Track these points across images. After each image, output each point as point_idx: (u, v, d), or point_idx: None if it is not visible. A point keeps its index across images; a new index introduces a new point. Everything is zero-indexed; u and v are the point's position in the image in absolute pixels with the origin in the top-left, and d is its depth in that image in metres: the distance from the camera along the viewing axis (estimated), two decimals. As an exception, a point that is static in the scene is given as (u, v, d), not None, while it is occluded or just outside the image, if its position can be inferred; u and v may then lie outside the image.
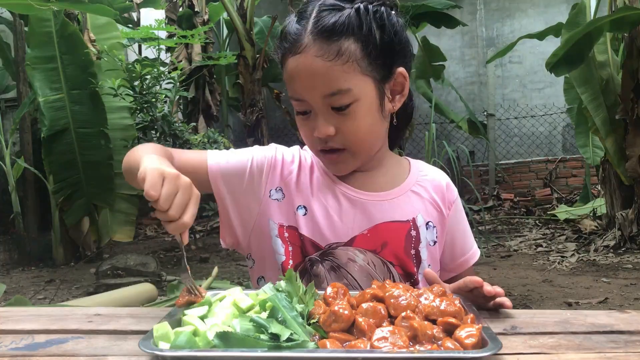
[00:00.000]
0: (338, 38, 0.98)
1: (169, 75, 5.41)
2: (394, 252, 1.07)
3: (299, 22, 1.02)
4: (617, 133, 4.91)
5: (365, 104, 1.02)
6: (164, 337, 0.73)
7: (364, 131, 1.03)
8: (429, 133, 5.30)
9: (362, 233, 1.07)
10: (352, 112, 1.00)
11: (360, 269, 1.06)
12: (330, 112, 1.01)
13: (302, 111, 1.04)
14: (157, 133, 5.24)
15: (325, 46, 0.98)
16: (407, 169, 1.17)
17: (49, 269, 5.31)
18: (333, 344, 0.71)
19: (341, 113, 1.00)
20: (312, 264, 1.07)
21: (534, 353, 0.72)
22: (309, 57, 0.98)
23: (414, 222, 1.10)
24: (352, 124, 1.01)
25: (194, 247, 5.82)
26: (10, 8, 4.93)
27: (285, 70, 1.03)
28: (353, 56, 0.98)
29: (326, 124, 1.01)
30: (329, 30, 0.98)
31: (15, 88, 6.01)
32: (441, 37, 8.04)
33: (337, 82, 0.98)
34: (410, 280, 1.09)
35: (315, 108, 1.01)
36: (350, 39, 0.98)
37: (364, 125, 1.03)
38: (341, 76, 0.98)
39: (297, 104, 1.04)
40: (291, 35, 1.02)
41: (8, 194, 5.59)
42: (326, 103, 1.00)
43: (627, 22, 4.43)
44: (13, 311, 0.99)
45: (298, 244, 1.08)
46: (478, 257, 1.20)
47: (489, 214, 6.96)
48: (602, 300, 3.43)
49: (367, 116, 1.03)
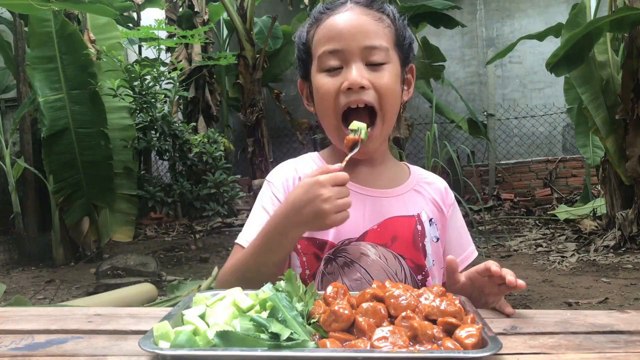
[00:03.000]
0: (381, 12, 1.09)
1: (168, 75, 5.41)
2: (403, 245, 1.11)
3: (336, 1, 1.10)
4: (617, 133, 4.91)
5: (394, 71, 1.08)
6: (164, 336, 0.73)
7: (392, 92, 1.08)
8: (429, 133, 5.30)
9: (372, 228, 1.10)
10: (384, 71, 1.05)
11: (373, 263, 1.09)
12: (364, 67, 1.05)
13: (333, 67, 1.06)
14: (157, 133, 5.25)
15: (370, 10, 1.08)
16: (407, 171, 1.22)
17: (49, 269, 5.31)
18: (333, 343, 0.71)
19: (375, 69, 1.05)
20: (326, 264, 1.10)
21: (534, 353, 0.72)
22: (355, 12, 1.07)
23: (419, 218, 1.13)
24: (384, 80, 1.05)
25: (194, 247, 5.82)
26: (10, 8, 4.93)
27: (323, 29, 1.08)
28: (390, 27, 1.09)
29: (360, 73, 1.04)
30: (374, 3, 1.09)
31: (15, 88, 6.01)
32: (441, 37, 8.04)
33: (378, 38, 1.05)
34: (422, 273, 1.12)
35: (351, 59, 1.04)
36: (388, 20, 1.10)
37: (393, 86, 1.07)
38: (382, 35, 1.06)
39: (330, 57, 1.06)
40: (332, 5, 1.09)
41: (8, 194, 5.59)
42: (363, 56, 1.04)
43: (627, 22, 4.42)
44: (13, 311, 0.99)
45: (311, 252, 1.10)
46: (474, 258, 1.22)
47: (489, 214, 6.96)
48: (602, 300, 3.43)
49: (395, 82, 1.08)
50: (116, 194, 5.45)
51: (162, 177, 6.62)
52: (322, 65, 1.06)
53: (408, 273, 1.11)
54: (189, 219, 5.71)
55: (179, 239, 6.73)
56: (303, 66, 1.15)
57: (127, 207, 5.55)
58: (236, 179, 5.55)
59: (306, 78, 1.15)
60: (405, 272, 1.10)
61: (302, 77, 1.18)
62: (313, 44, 1.09)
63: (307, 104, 1.18)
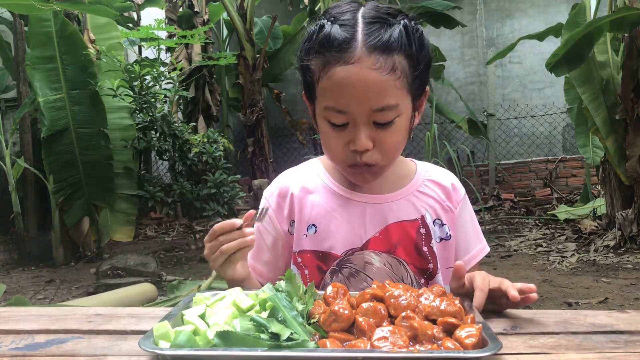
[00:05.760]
0: (392, 53, 0.96)
1: (168, 75, 5.41)
2: (406, 250, 1.10)
3: (342, 29, 0.97)
4: (617, 133, 4.91)
5: (404, 120, 1.01)
6: (164, 336, 0.73)
7: (398, 147, 1.04)
8: (429, 133, 5.30)
9: (375, 235, 1.09)
10: (392, 127, 0.99)
11: (378, 271, 1.08)
12: (372, 126, 0.98)
13: (339, 124, 1.00)
14: (157, 133, 5.25)
15: (382, 59, 0.95)
16: (414, 170, 1.18)
17: (49, 269, 5.31)
18: (333, 343, 0.71)
19: (382, 128, 0.99)
20: (331, 276, 1.09)
21: (534, 353, 0.72)
22: (363, 68, 0.95)
23: (422, 220, 1.12)
24: (391, 139, 1.01)
25: (193, 247, 5.82)
26: (11, 8, 4.93)
27: (329, 79, 0.97)
28: (404, 72, 0.97)
29: (367, 137, 0.98)
30: (385, 44, 0.95)
31: (15, 88, 6.01)
32: (441, 37, 8.04)
33: (388, 97, 0.96)
34: (424, 276, 1.11)
35: (358, 121, 0.98)
36: (401, 55, 0.97)
37: (399, 141, 1.03)
38: (393, 91, 0.96)
39: (337, 116, 0.99)
40: (339, 43, 0.96)
41: (8, 194, 5.59)
42: (370, 117, 0.98)
43: (627, 22, 4.42)
44: (13, 311, 0.99)
45: (314, 264, 1.10)
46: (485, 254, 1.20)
47: (489, 214, 6.95)
48: (602, 300, 3.43)
49: (403, 132, 1.03)
50: (116, 194, 5.45)
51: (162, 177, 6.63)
52: (327, 117, 1.01)
53: (413, 278, 1.10)
54: (189, 219, 5.71)
55: (179, 239, 6.73)
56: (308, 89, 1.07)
57: (127, 207, 5.56)
58: (236, 179, 5.55)
59: (310, 100, 1.08)
60: (411, 277, 1.10)
61: (306, 96, 1.10)
62: (318, 87, 1.01)
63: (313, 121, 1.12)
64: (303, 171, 1.19)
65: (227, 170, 5.49)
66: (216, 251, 0.98)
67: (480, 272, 0.95)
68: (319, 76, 0.99)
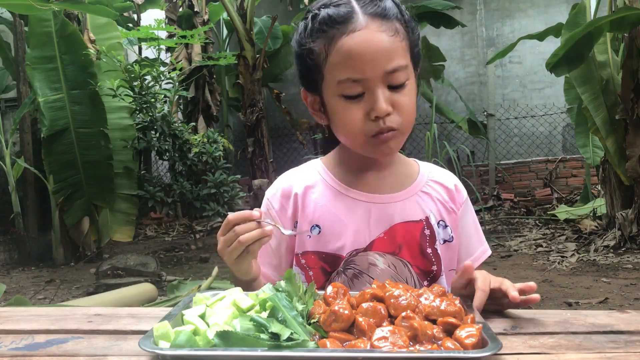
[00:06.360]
0: (391, 19, 1.01)
1: (168, 75, 5.42)
2: (410, 252, 1.08)
3: (338, 7, 1.01)
4: (617, 133, 4.91)
5: (412, 84, 1.04)
6: (164, 336, 0.73)
7: (414, 109, 1.05)
8: (429, 133, 5.30)
9: (379, 236, 1.08)
10: (406, 89, 1.02)
11: (382, 272, 1.07)
12: (387, 90, 1.00)
13: (355, 94, 1.00)
14: (157, 133, 5.25)
15: (385, 23, 0.99)
16: (417, 170, 1.17)
17: (49, 269, 5.31)
18: (333, 343, 0.71)
19: (397, 91, 1.00)
20: (335, 277, 1.09)
21: (534, 353, 0.72)
22: (371, 32, 0.98)
23: (427, 221, 1.10)
24: (407, 101, 1.02)
25: (193, 247, 5.82)
26: (11, 8, 4.93)
27: (338, 52, 0.99)
28: (404, 36, 1.02)
29: (386, 101, 0.99)
30: (384, 11, 1.00)
31: (15, 88, 6.01)
32: (441, 37, 8.04)
33: (398, 57, 0.99)
34: (428, 278, 1.10)
35: (373, 86, 0.99)
36: (397, 22, 1.02)
37: (413, 103, 1.04)
38: (401, 52, 1.00)
39: (352, 86, 0.99)
40: (340, 17, 0.99)
41: (8, 194, 5.59)
42: (385, 80, 0.99)
43: (627, 22, 4.42)
44: (13, 311, 0.99)
45: (319, 266, 1.09)
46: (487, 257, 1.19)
47: (489, 214, 6.95)
48: (602, 300, 3.43)
49: (414, 96, 1.05)
50: (116, 194, 5.45)
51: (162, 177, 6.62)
52: (342, 91, 1.01)
53: (417, 280, 1.09)
54: (189, 219, 5.71)
55: (179, 239, 6.73)
56: (309, 78, 1.07)
57: (127, 207, 5.56)
58: (236, 179, 5.55)
59: (312, 89, 1.08)
60: (414, 279, 1.09)
61: (307, 89, 1.09)
62: (327, 65, 1.01)
63: (316, 114, 1.11)
64: (305, 171, 1.18)
65: (227, 170, 5.49)
66: (232, 243, 0.93)
67: (481, 271, 0.95)
68: (327, 53, 1.01)
